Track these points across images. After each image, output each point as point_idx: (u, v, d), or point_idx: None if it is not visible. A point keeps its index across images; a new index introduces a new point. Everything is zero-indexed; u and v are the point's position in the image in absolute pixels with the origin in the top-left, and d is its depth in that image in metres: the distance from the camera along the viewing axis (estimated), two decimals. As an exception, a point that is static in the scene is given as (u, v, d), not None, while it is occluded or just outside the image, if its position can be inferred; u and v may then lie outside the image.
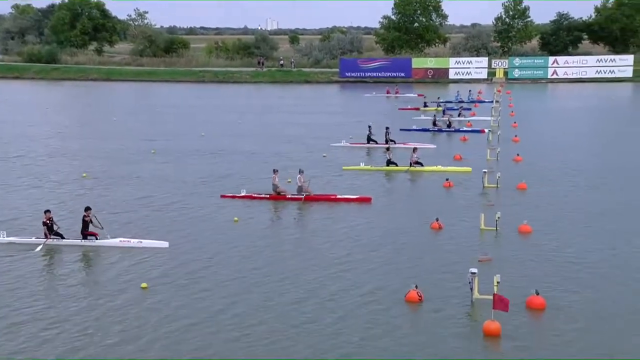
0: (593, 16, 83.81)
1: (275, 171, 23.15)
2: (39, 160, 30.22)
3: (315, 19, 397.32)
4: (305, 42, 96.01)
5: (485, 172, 24.45)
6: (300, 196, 22.34)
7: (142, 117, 46.79)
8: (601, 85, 67.03)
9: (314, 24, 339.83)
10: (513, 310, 12.83)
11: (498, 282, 13.48)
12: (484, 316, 12.94)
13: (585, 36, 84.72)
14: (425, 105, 48.13)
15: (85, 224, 18.16)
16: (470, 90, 54.78)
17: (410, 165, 27.15)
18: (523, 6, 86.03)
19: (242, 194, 22.74)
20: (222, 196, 22.87)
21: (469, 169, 26.13)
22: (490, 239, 18.24)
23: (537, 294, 13.70)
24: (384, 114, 45.84)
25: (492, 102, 50.04)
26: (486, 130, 35.95)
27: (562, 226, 19.26)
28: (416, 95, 56.62)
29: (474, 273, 13.68)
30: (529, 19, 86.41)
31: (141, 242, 17.83)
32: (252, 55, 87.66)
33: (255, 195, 22.77)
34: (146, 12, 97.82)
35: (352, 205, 21.76)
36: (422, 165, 27.27)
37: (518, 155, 29.23)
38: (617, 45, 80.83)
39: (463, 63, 73.92)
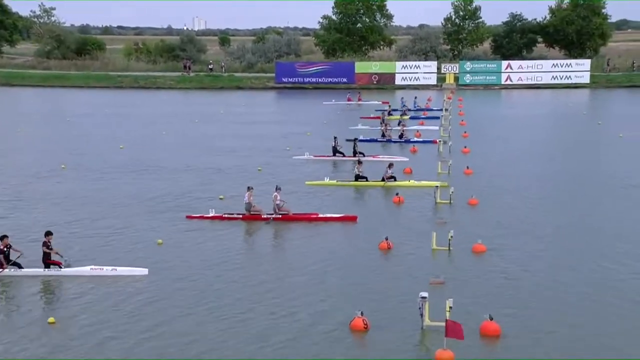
0: (548, 17, 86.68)
1: (249, 188, 23.08)
2: None
3: (248, 18, 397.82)
4: (237, 44, 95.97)
5: (437, 186, 24.98)
6: (277, 216, 22.46)
7: (50, 127, 45.74)
8: (557, 91, 69.48)
9: (246, 24, 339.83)
10: (467, 337, 13.12)
11: (451, 307, 13.77)
12: (436, 345, 13.20)
13: (540, 39, 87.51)
14: (389, 114, 48.62)
15: (46, 251, 17.71)
16: (416, 97, 55.70)
17: (383, 180, 27.50)
18: (474, 6, 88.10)
19: (211, 215, 22.66)
20: (188, 217, 22.75)
21: (445, 183, 26.64)
22: (443, 260, 18.63)
23: (491, 319, 14.06)
24: (336, 123, 46.28)
25: (441, 110, 51.12)
26: (438, 141, 36.72)
27: (517, 244, 19.85)
28: (380, 102, 57.19)
29: (425, 297, 13.93)
30: (480, 20, 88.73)
31: (115, 269, 17.45)
32: (177, 58, 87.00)
33: (227, 215, 22.71)
34: (53, 9, 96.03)
35: (335, 226, 21.92)
36: (395, 179, 27.64)
37: (468, 167, 29.97)
38: (573, 49, 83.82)
39: (410, 68, 75.25)
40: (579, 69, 73.49)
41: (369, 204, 25.25)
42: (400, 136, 39.23)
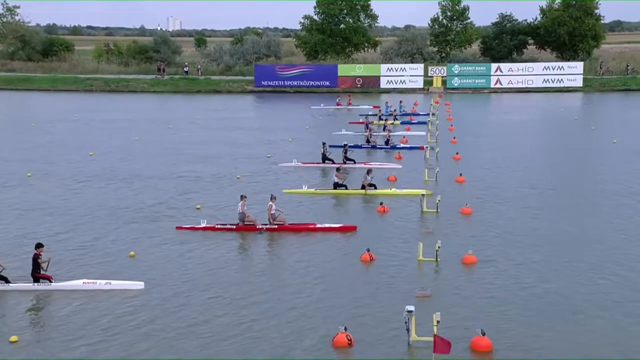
0: (538, 18, 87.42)
1: (242, 197, 23.07)
2: None
3: (226, 18, 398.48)
4: (214, 45, 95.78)
5: (423, 195, 25.08)
6: (273, 226, 22.51)
7: (14, 133, 45.35)
8: (549, 95, 70.04)
9: (224, 24, 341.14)
10: (456, 354, 13.14)
11: (438, 322, 13.79)
12: (424, 361, 13.21)
13: (531, 40, 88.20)
14: (380, 119, 48.67)
15: (37, 264, 17.62)
16: (401, 101, 55.84)
17: (363, 188, 27.54)
18: (462, 6, 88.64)
19: (203, 226, 22.66)
20: (178, 228, 22.73)
21: (429, 191, 26.73)
22: (430, 272, 18.68)
23: (483, 334, 14.10)
24: (319, 128, 46.31)
25: (428, 114, 51.34)
26: (425, 147, 36.88)
27: (510, 255, 19.94)
28: (371, 107, 57.24)
29: (411, 311, 13.94)
30: (468, 21, 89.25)
31: (109, 283, 17.47)
32: (150, 60, 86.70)
33: (219, 226, 22.71)
34: (17, 7, 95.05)
35: (334, 236, 21.98)
36: (375, 187, 27.68)
37: (461, 175, 30.14)
38: (565, 51, 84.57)
39: (396, 70, 75.55)
40: (572, 72, 74.08)
41: (350, 214, 25.23)
42: (386, 142, 39.34)
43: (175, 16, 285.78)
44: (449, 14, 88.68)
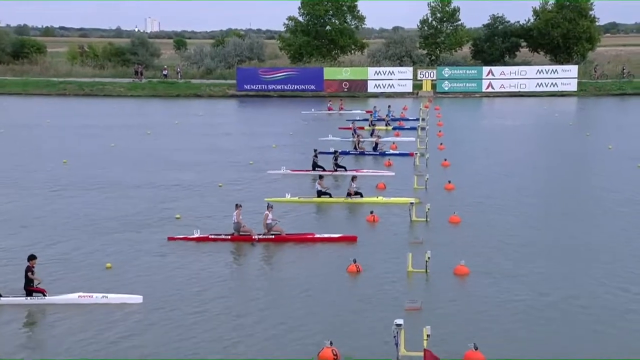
0: (531, 20, 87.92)
1: (237, 206, 23.06)
2: None
3: (206, 19, 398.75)
4: (194, 48, 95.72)
5: (412, 203, 25.17)
6: (270, 236, 22.57)
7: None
8: (542, 99, 70.45)
9: (204, 26, 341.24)
10: (447, 368, 13.19)
11: (429, 335, 13.83)
12: (413, 376, 13.25)
13: (524, 43, 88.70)
14: (371, 124, 48.62)
15: (30, 277, 17.51)
16: (389, 106, 55.86)
17: (348, 196, 27.59)
18: (452, 7, 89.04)
19: (196, 236, 22.67)
20: (170, 239, 22.72)
21: (417, 199, 26.79)
22: (420, 284, 18.73)
23: (476, 348, 14.16)
24: (304, 134, 46.39)
25: (417, 119, 51.51)
26: (415, 153, 37.03)
27: (503, 266, 20.03)
28: (364, 111, 57.29)
29: (400, 325, 13.97)
30: (459, 23, 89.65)
31: (106, 296, 17.41)
32: (127, 62, 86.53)
33: (213, 236, 22.73)
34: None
35: (334, 247, 22.03)
36: (361, 195, 27.74)
37: (450, 182, 30.27)
38: (559, 54, 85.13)
39: (384, 74, 75.79)
40: (566, 76, 74.58)
41: (336, 223, 25.22)
42: (375, 148, 39.45)
43: (153, 17, 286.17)
44: (438, 15, 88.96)
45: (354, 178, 28.47)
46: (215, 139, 44.90)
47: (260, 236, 22.61)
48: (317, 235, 22.89)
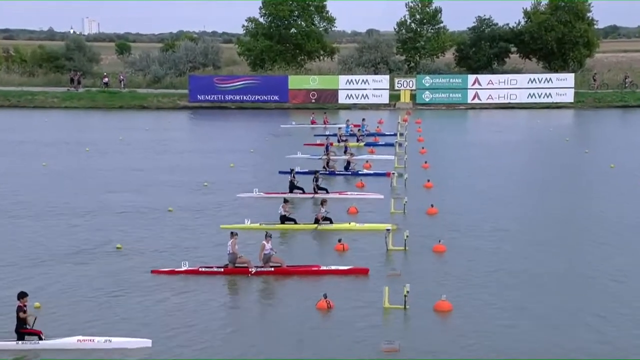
0: (522, 22, 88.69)
1: (233, 235, 23.07)
2: None
3: (154, 20, 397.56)
4: (140, 53, 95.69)
5: (388, 230, 25.31)
6: (269, 269, 22.62)
7: None
8: (535, 112, 71.06)
9: (151, 27, 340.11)
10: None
11: (407, 379, 13.97)
12: None
13: (514, 48, 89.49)
14: (343, 140, 48.42)
15: (22, 318, 17.34)
16: (363, 119, 56.06)
17: (317, 222, 27.68)
18: (433, 7, 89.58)
19: (184, 269, 22.61)
20: (154, 272, 22.68)
21: (394, 226, 26.92)
22: (398, 321, 18.84)
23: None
24: (265, 151, 46.47)
25: (395, 134, 51.82)
26: (392, 173, 37.23)
27: (491, 301, 20.21)
28: (351, 125, 57.19)
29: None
30: (441, 25, 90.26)
31: (110, 340, 17.34)
32: (61, 69, 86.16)
33: (204, 269, 22.70)
34: None
35: (342, 280, 22.07)
36: (331, 222, 27.84)
37: (432, 206, 30.50)
38: (554, 60, 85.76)
39: (357, 82, 76.18)
40: (561, 85, 75.30)
41: (302, 253, 25.25)
42: (346, 167, 39.65)
43: (91, 17, 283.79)
44: (418, 16, 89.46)
45: (323, 202, 28.56)
46: (164, 157, 44.82)
47: (258, 269, 22.61)
48: (324, 268, 22.92)
